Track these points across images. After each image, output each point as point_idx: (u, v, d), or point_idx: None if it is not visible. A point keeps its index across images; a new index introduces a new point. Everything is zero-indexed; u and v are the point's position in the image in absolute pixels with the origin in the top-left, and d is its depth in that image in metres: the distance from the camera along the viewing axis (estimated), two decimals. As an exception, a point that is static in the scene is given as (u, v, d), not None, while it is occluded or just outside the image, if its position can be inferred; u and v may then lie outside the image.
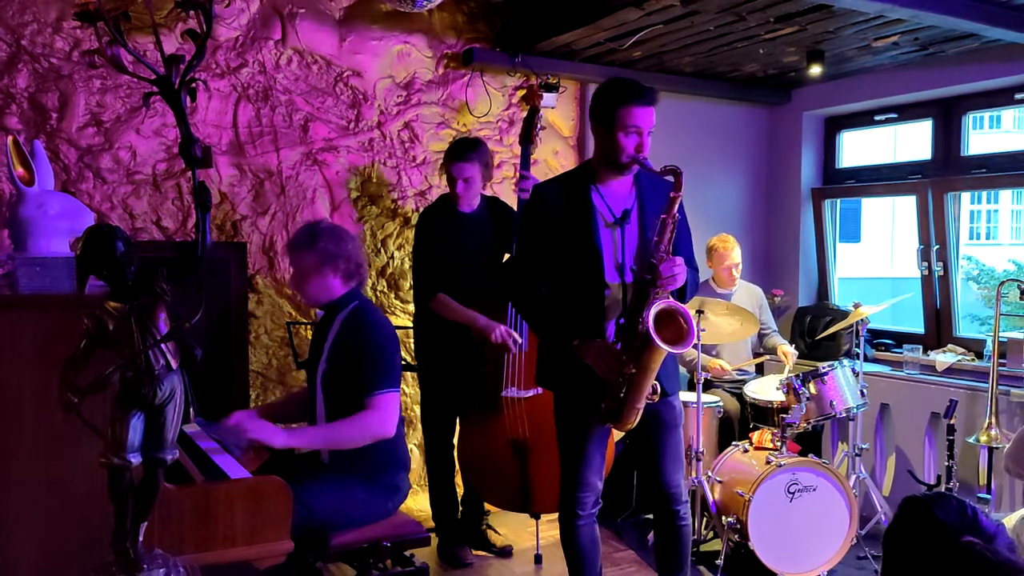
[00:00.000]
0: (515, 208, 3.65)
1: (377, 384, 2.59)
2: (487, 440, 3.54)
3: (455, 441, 3.72)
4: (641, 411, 2.53)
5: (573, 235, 2.59)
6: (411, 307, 4.10)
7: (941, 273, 4.46)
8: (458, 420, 3.69)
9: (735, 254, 4.28)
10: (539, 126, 3.77)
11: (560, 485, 2.77)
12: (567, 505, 2.75)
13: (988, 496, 3.56)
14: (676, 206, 2.46)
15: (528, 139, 3.72)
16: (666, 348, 2.38)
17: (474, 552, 3.70)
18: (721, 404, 4.02)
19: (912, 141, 9.86)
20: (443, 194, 3.68)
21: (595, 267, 2.57)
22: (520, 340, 3.42)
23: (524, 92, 3.87)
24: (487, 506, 3.87)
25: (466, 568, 3.60)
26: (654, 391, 2.51)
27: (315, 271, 2.69)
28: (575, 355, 2.55)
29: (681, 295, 2.59)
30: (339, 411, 2.65)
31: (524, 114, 3.81)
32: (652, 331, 2.35)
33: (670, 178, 2.46)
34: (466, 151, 3.50)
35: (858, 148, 5.26)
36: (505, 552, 3.74)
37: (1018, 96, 4.11)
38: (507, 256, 3.67)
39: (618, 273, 2.58)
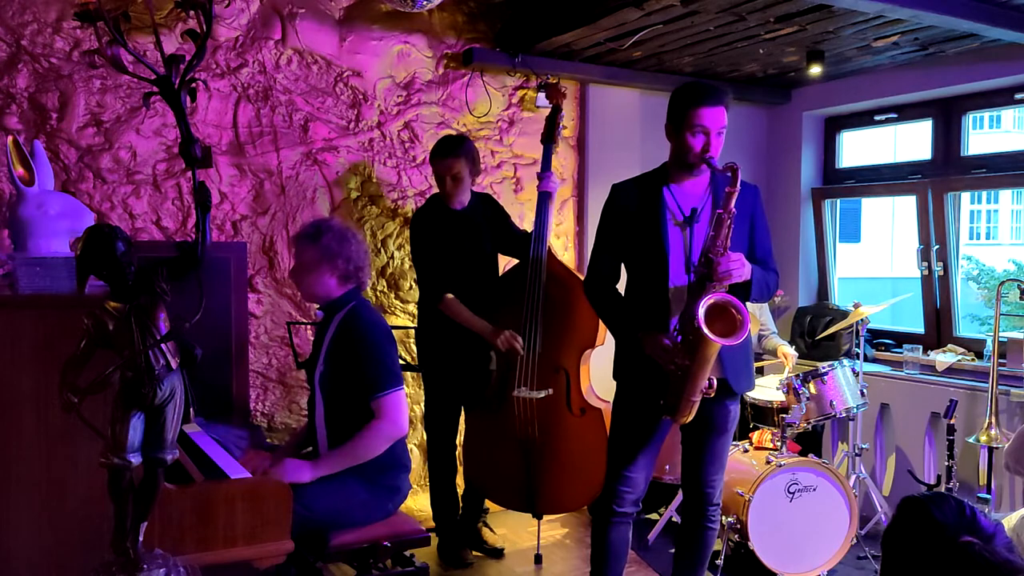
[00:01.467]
0: (536, 206, 3.64)
1: (381, 385, 2.60)
2: (495, 438, 3.54)
3: (458, 440, 3.73)
4: (697, 404, 2.56)
5: (643, 232, 2.65)
6: (411, 307, 4.10)
7: (941, 273, 4.45)
8: (465, 418, 3.69)
9: None
10: (561, 125, 3.78)
11: (605, 478, 2.81)
12: (605, 498, 2.78)
13: (988, 496, 3.56)
14: (732, 202, 2.49)
15: (550, 138, 3.73)
16: (717, 340, 2.40)
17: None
18: (721, 404, 4.02)
19: (912, 141, 9.86)
20: (433, 195, 3.69)
21: (661, 265, 2.62)
22: (520, 344, 3.43)
23: (548, 90, 3.86)
24: (487, 505, 3.88)
25: (466, 568, 3.60)
26: (710, 385, 2.55)
27: (314, 266, 2.70)
28: (641, 350, 2.60)
29: (745, 293, 2.60)
30: (339, 411, 2.65)
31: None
32: (703, 323, 2.38)
33: (728, 174, 2.50)
34: (453, 147, 3.52)
35: (858, 148, 5.26)
36: (496, 552, 3.74)
37: (1018, 96, 4.11)
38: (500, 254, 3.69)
39: (686, 271, 2.63)
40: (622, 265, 2.80)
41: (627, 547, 2.84)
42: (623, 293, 2.81)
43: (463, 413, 3.72)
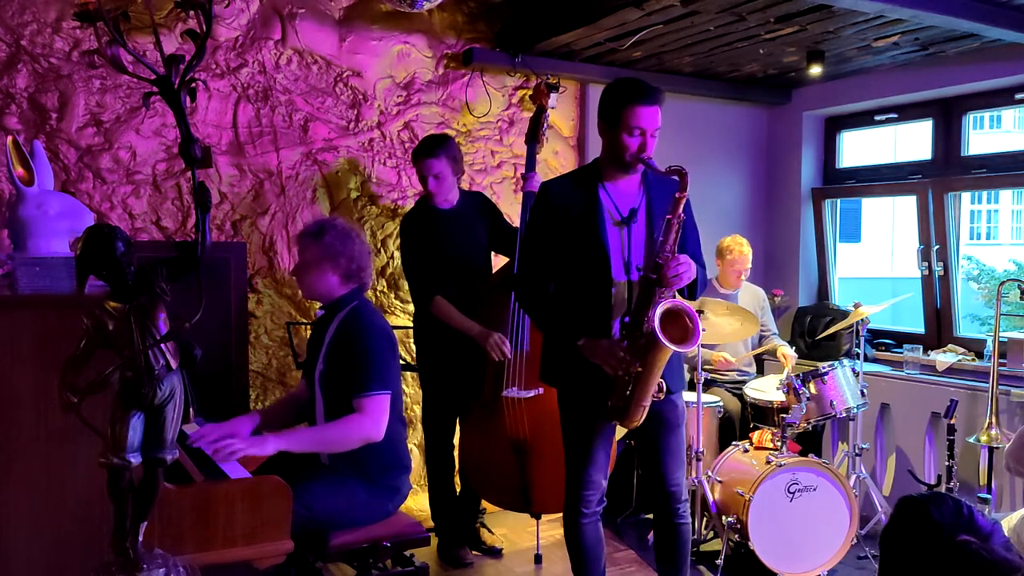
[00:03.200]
0: (520, 206, 3.64)
1: (367, 386, 2.59)
2: (488, 440, 3.54)
3: (455, 441, 3.72)
4: (647, 408, 2.54)
5: (580, 233, 2.60)
6: (411, 307, 4.10)
7: (941, 273, 4.45)
8: (460, 419, 3.69)
9: (749, 258, 4.29)
10: (546, 125, 3.78)
11: (565, 483, 2.78)
12: (571, 503, 2.76)
13: (988, 496, 3.56)
14: (681, 206, 2.47)
15: (534, 138, 3.73)
16: (672, 347, 2.39)
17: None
18: (721, 404, 4.02)
19: (912, 141, 9.86)
20: (422, 196, 3.69)
21: (602, 265, 2.58)
22: (508, 349, 3.44)
23: (531, 91, 3.86)
24: (484, 505, 3.88)
25: (466, 568, 3.60)
26: (660, 389, 2.53)
27: (316, 265, 2.71)
28: (581, 353, 2.56)
29: (690, 293, 2.60)
30: (337, 411, 2.65)
31: (531, 113, 3.80)
32: (658, 330, 2.37)
33: (676, 178, 2.47)
34: (433, 147, 3.52)
35: (858, 148, 5.26)
36: (494, 552, 3.74)
37: (1018, 96, 4.11)
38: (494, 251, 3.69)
39: (624, 271, 2.60)
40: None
41: (602, 543, 2.82)
42: (555, 295, 2.73)
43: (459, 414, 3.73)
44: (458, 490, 3.79)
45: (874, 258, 16.75)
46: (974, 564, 1.26)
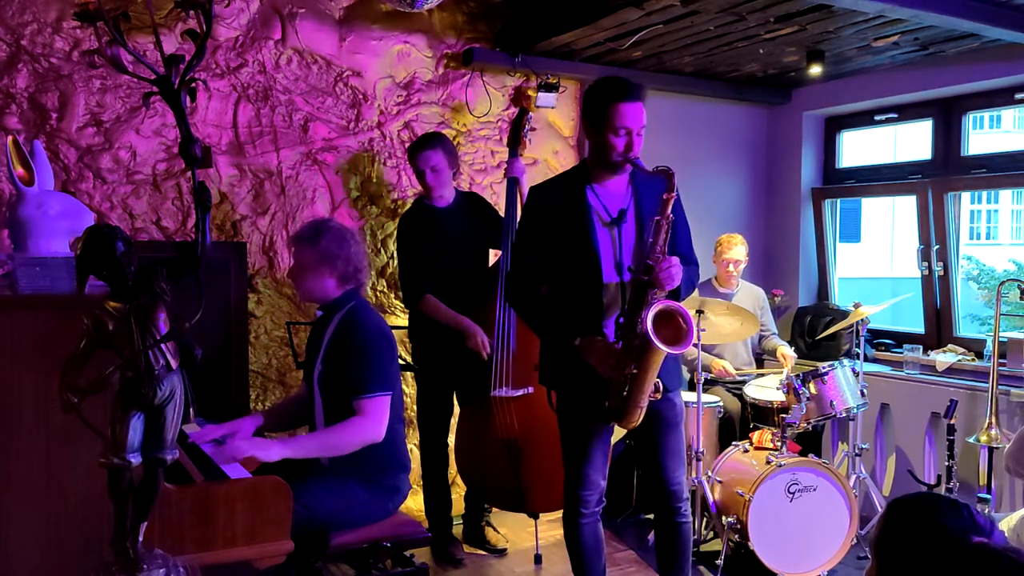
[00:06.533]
0: (504, 192, 3.64)
1: (365, 388, 2.59)
2: (480, 440, 3.54)
3: (451, 441, 3.73)
4: (644, 409, 2.54)
5: (570, 234, 2.60)
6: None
7: (941, 273, 4.45)
8: (456, 419, 3.69)
9: (734, 252, 4.28)
10: (528, 128, 3.76)
11: (564, 484, 2.77)
12: (571, 503, 2.76)
13: (988, 496, 3.56)
14: (669, 207, 2.46)
15: (516, 142, 3.71)
16: (665, 349, 2.39)
17: (468, 548, 3.74)
18: (721, 404, 4.02)
19: (912, 141, 9.86)
20: (418, 197, 3.70)
21: (592, 266, 2.58)
22: (487, 349, 3.45)
23: (513, 94, 3.83)
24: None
25: (464, 567, 3.60)
26: (656, 389, 2.53)
27: (313, 268, 2.70)
28: (577, 354, 2.56)
29: (674, 294, 2.59)
30: (336, 411, 2.65)
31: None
32: (651, 332, 2.37)
33: (663, 179, 2.47)
34: (429, 140, 3.56)
35: (858, 148, 5.26)
36: (498, 551, 3.75)
37: (1018, 96, 4.11)
38: (492, 251, 3.68)
39: (616, 271, 2.59)
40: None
41: (602, 543, 2.82)
42: (548, 297, 2.72)
43: (457, 410, 3.73)
44: (462, 488, 3.79)
45: (874, 258, 16.76)
46: (1002, 566, 1.22)
